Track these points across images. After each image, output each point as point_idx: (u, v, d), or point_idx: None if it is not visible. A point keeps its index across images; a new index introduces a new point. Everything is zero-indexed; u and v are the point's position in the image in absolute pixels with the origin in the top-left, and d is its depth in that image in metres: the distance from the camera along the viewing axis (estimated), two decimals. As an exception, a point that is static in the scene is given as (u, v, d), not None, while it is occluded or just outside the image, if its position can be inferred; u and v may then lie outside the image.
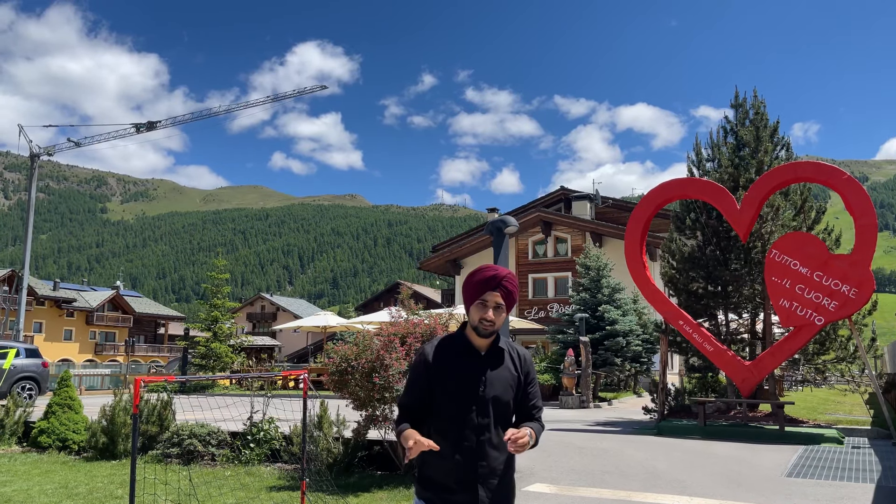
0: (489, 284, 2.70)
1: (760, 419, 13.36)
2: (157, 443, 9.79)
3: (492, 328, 2.69)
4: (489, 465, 2.64)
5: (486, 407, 2.66)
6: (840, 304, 11.42)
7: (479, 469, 2.62)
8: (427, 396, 2.71)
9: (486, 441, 2.65)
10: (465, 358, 2.71)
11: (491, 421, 2.66)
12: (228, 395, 21.98)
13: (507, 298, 2.72)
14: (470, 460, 2.63)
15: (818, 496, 7.34)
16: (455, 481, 2.63)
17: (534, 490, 7.58)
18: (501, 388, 2.70)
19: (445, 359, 2.71)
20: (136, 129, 54.68)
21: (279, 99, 69.48)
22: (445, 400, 2.67)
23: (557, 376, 21.58)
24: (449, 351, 2.73)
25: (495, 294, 2.69)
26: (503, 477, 2.69)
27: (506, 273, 2.75)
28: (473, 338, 2.73)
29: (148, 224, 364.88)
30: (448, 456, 2.62)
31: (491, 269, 2.75)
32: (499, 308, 2.70)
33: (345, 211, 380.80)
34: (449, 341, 2.78)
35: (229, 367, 29.68)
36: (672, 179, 14.27)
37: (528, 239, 36.93)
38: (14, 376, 17.88)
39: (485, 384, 2.67)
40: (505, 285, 2.72)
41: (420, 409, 2.72)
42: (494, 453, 2.65)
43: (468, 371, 2.68)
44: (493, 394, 2.67)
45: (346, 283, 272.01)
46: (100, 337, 70.74)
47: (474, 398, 2.65)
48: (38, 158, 46.98)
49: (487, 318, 2.67)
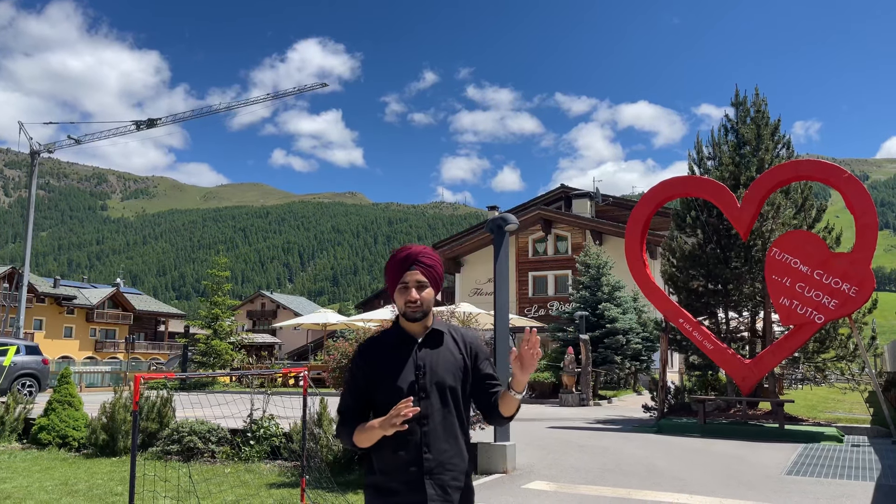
0: (405, 264, 2.55)
1: (760, 417, 13.37)
2: (157, 440, 9.80)
3: (420, 309, 2.51)
4: (436, 457, 2.42)
5: (427, 394, 2.45)
6: (840, 303, 11.43)
7: (425, 462, 2.40)
8: (364, 397, 2.53)
9: (430, 431, 2.43)
10: (400, 347, 2.53)
11: (435, 410, 2.45)
12: (228, 392, 21.98)
13: (429, 274, 2.55)
14: (414, 454, 2.41)
15: (818, 494, 7.35)
16: (401, 482, 2.41)
17: (534, 488, 7.59)
18: (443, 372, 2.49)
19: (379, 353, 2.55)
20: (137, 126, 54.60)
21: (280, 96, 69.43)
22: (383, 394, 2.47)
23: (557, 374, 21.61)
24: (382, 344, 2.57)
25: (414, 272, 2.53)
26: (455, 471, 2.46)
27: (421, 249, 2.60)
28: (407, 326, 2.56)
29: (148, 221, 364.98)
30: (392, 455, 2.43)
31: (405, 249, 2.61)
32: (422, 286, 2.52)
33: (345, 209, 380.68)
34: (382, 335, 2.63)
35: (229, 364, 29.70)
36: (673, 177, 14.27)
37: (528, 237, 36.93)
38: (14, 373, 17.89)
39: (423, 370, 2.48)
40: (422, 260, 2.56)
41: (359, 411, 2.53)
42: (442, 445, 2.43)
43: (404, 359, 2.50)
44: (435, 379, 2.47)
45: (347, 280, 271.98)
46: (100, 334, 70.83)
47: (412, 387, 2.45)
48: (38, 156, 46.97)
49: (411, 298, 2.50)
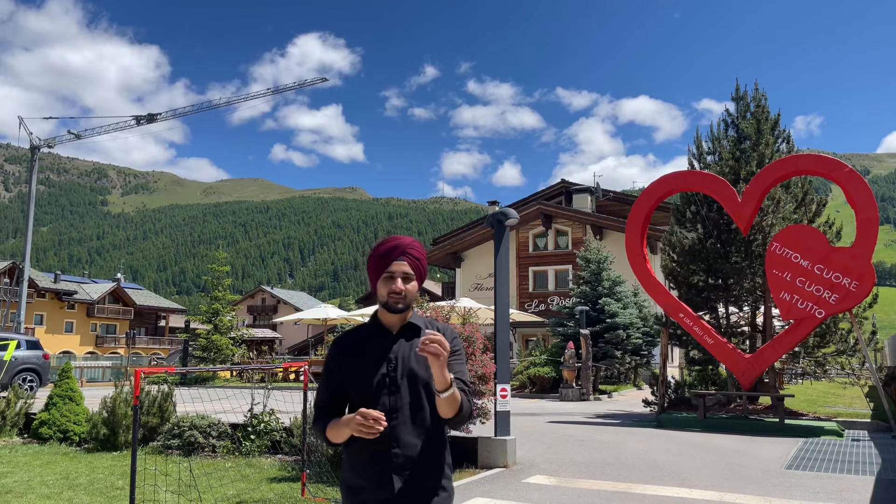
0: (394, 254, 2.49)
1: (760, 412, 13.38)
2: (157, 434, 9.81)
3: (402, 301, 2.46)
4: (404, 452, 2.35)
5: (398, 387, 2.39)
6: (841, 297, 11.43)
7: (393, 458, 2.34)
8: (339, 391, 2.49)
9: (399, 426, 2.35)
10: (375, 340, 2.48)
11: (405, 403, 2.38)
12: (229, 387, 22.01)
13: (416, 267, 2.50)
14: (382, 449, 2.34)
15: (818, 489, 7.36)
16: (368, 477, 2.36)
17: (534, 482, 7.60)
18: (416, 365, 2.41)
19: (353, 346, 2.51)
20: (137, 121, 54.63)
21: (280, 91, 69.47)
22: (355, 388, 2.43)
23: (558, 369, 21.62)
24: (358, 338, 2.52)
25: (402, 263, 2.47)
26: (426, 469, 2.39)
27: (410, 241, 2.55)
28: (385, 317, 2.51)
29: (148, 217, 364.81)
30: (360, 451, 2.37)
31: (394, 239, 2.55)
32: (407, 278, 2.47)
33: (345, 204, 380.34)
34: (359, 329, 2.58)
35: (230, 359, 29.76)
36: (673, 172, 14.27)
37: (528, 232, 36.91)
38: (15, 368, 17.90)
39: (395, 363, 2.42)
40: (411, 252, 2.50)
41: (334, 406, 2.49)
42: (411, 440, 2.36)
43: (376, 351, 2.45)
44: (406, 373, 2.41)
45: (347, 275, 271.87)
46: (101, 329, 70.90)
47: (383, 379, 2.40)
48: (38, 150, 46.99)
49: (395, 289, 2.44)
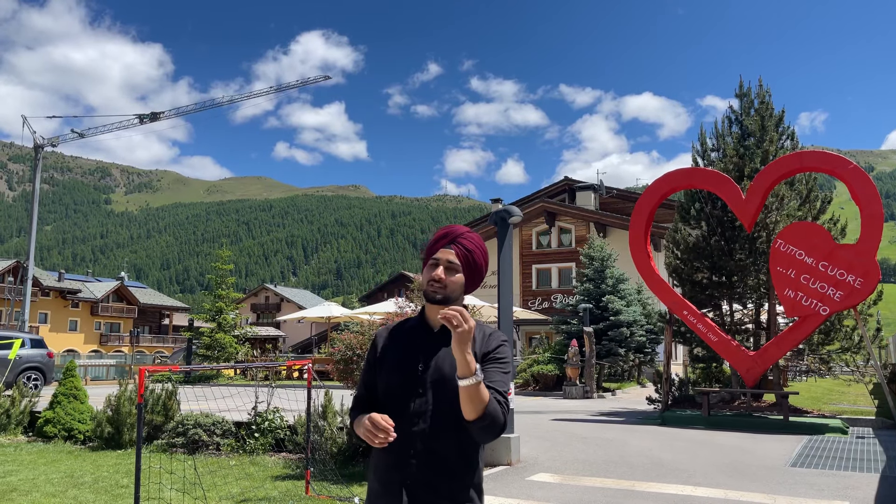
0: (444, 240, 2.28)
1: (765, 409, 13.35)
2: (162, 432, 9.83)
3: (441, 291, 2.21)
4: (419, 463, 2.11)
5: (426, 389, 2.15)
6: (845, 294, 11.39)
7: (406, 468, 2.10)
8: (374, 383, 2.30)
9: (420, 432, 2.11)
10: (414, 335, 2.27)
11: (431, 409, 2.13)
12: (233, 385, 22.06)
13: (465, 259, 2.25)
14: (400, 455, 2.11)
15: (822, 486, 7.34)
16: (382, 482, 2.15)
17: (538, 479, 7.60)
18: (449, 368, 2.14)
19: (391, 340, 2.31)
20: (140, 119, 54.64)
21: (283, 89, 69.61)
22: (381, 384, 2.23)
23: (561, 367, 21.61)
24: (399, 332, 2.32)
25: (448, 251, 2.24)
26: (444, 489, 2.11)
27: (465, 230, 2.31)
28: (429, 312, 2.29)
29: (152, 215, 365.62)
30: (380, 454, 2.17)
31: (448, 228, 2.35)
32: (451, 268, 2.23)
33: (348, 202, 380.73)
34: (404, 322, 2.39)
35: (234, 357, 29.79)
36: (677, 169, 14.23)
37: (532, 229, 36.88)
38: (19, 366, 17.95)
39: (426, 362, 2.19)
40: (462, 242, 2.26)
41: (368, 399, 2.30)
42: (432, 451, 2.10)
43: (412, 348, 2.23)
44: (436, 376, 2.16)
45: (350, 273, 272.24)
46: (105, 327, 71.09)
47: (412, 378, 2.17)
48: (42, 149, 47.04)
49: (435, 276, 2.21)
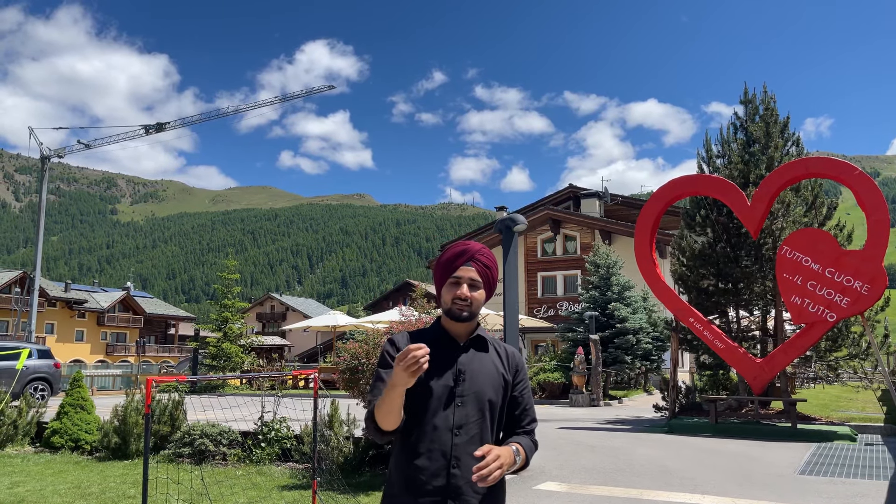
0: (461, 259, 2.31)
1: (772, 417, 13.29)
2: (168, 442, 9.83)
3: (468, 309, 2.26)
4: (464, 474, 2.14)
5: (464, 403, 2.20)
6: (852, 301, 11.34)
7: (451, 479, 2.14)
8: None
9: (461, 444, 2.17)
10: (440, 347, 2.25)
11: (471, 420, 2.20)
12: (239, 394, 22.05)
13: (485, 275, 2.31)
14: (440, 467, 2.16)
15: (832, 494, 7.29)
16: (419, 497, 2.16)
17: (545, 489, 7.57)
18: (483, 382, 2.23)
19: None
20: (146, 130, 54.85)
21: (288, 99, 69.66)
22: (414, 396, 2.19)
23: (567, 375, 21.55)
24: (422, 340, 2.25)
25: (469, 269, 2.29)
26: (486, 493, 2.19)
27: (480, 247, 2.36)
28: (450, 326, 2.31)
29: (158, 225, 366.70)
30: (414, 467, 2.19)
31: (462, 244, 2.37)
32: (474, 285, 2.28)
33: (353, 210, 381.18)
34: (419, 333, 2.38)
35: (240, 367, 29.80)
36: (682, 176, 14.19)
37: (536, 237, 36.86)
38: (26, 377, 17.98)
39: (462, 376, 2.23)
40: (480, 259, 2.31)
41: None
42: (473, 462, 2.10)
43: (442, 361, 2.23)
44: (474, 389, 2.22)
45: (355, 282, 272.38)
46: (111, 338, 71.14)
47: (449, 392, 2.20)
48: (48, 160, 47.26)
49: (461, 295, 2.25)
